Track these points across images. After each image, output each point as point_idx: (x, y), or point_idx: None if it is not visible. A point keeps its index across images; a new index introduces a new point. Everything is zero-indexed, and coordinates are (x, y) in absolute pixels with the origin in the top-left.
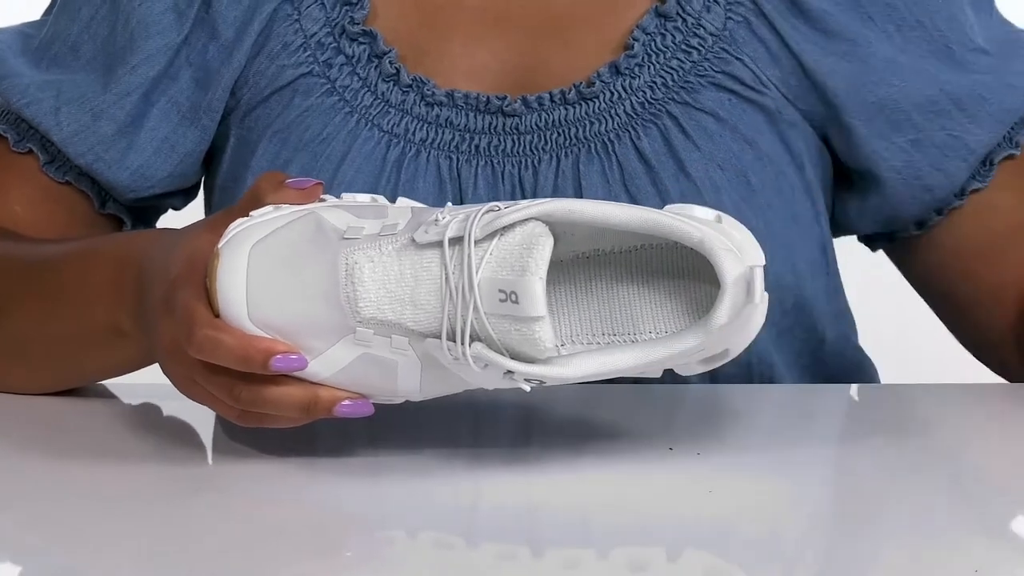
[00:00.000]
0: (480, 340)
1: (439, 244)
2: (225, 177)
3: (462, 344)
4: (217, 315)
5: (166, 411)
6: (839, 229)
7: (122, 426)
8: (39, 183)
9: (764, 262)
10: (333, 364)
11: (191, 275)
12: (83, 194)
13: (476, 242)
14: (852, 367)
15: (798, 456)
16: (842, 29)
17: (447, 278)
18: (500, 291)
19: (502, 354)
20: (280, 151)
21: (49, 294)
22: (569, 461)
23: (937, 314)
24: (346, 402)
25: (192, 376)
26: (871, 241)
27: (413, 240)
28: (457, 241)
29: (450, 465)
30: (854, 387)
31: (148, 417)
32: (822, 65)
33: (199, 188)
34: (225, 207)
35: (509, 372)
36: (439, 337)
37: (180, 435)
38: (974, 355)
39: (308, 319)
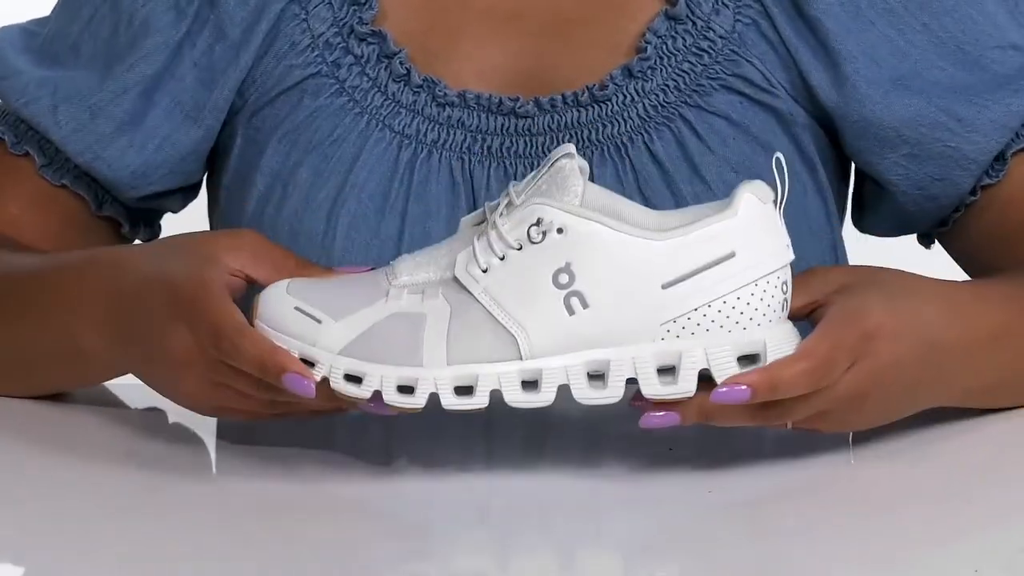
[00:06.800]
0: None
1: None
2: (232, 177)
3: (492, 227)
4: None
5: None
6: (869, 229)
7: (126, 427)
8: (35, 186)
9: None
10: (361, 324)
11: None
12: (79, 198)
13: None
14: None
15: (798, 456)
16: (829, 38)
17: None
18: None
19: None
20: (290, 152)
21: (14, 309)
22: (570, 461)
23: None
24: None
25: (216, 378)
26: (921, 237)
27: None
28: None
29: (463, 464)
30: None
31: (152, 419)
32: (812, 74)
33: (198, 190)
34: (233, 208)
35: (536, 223)
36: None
37: (186, 437)
38: None
39: (345, 288)
